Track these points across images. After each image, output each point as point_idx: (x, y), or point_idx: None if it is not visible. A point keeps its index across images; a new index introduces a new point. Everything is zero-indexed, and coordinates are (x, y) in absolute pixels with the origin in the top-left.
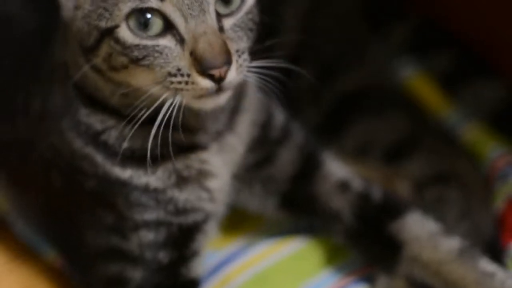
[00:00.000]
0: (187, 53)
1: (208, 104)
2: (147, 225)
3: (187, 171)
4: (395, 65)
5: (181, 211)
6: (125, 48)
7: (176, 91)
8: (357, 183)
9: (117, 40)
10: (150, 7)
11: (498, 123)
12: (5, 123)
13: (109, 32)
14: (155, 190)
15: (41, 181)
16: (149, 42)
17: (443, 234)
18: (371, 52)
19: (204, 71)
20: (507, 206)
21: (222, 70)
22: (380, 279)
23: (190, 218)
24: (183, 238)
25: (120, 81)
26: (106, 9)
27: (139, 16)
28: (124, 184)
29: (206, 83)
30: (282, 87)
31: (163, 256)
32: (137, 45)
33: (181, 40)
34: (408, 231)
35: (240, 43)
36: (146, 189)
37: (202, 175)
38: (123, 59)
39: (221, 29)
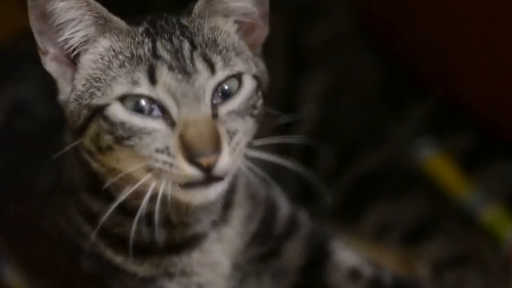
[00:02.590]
0: (176, 135)
1: (196, 197)
2: None
3: (173, 268)
4: (414, 146)
5: None
6: (112, 125)
7: (161, 173)
8: (367, 270)
9: (106, 118)
10: (141, 94)
11: None
12: (15, 204)
13: (100, 110)
14: (144, 279)
15: (48, 262)
16: (138, 122)
17: None
18: (390, 132)
19: (191, 158)
20: None
21: (211, 158)
22: None
23: None
24: None
25: (108, 165)
26: (98, 89)
27: (131, 99)
28: (117, 268)
29: (192, 171)
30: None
31: None
32: (124, 123)
33: (171, 123)
34: None
35: (234, 125)
36: (135, 276)
37: (186, 272)
38: (108, 138)
39: (214, 116)
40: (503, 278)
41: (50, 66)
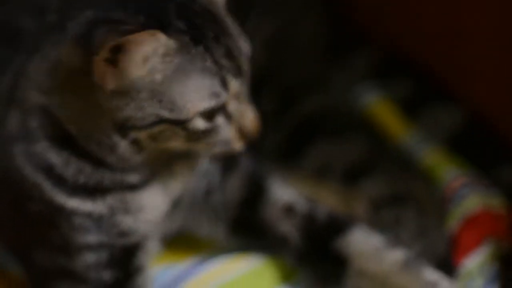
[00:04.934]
0: (233, 127)
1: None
2: (90, 247)
3: (130, 203)
4: (356, 92)
5: (123, 233)
6: (188, 132)
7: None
8: (301, 206)
9: (184, 128)
10: (222, 103)
11: (455, 147)
12: None
13: (177, 123)
14: (99, 216)
15: None
16: (211, 124)
17: (388, 246)
18: (333, 79)
19: (245, 139)
20: (461, 226)
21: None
22: None
23: (132, 239)
24: (125, 257)
25: (153, 147)
26: (173, 104)
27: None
28: (68, 210)
29: (241, 146)
30: None
31: (107, 275)
32: (201, 130)
33: (229, 116)
34: (353, 246)
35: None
36: (89, 215)
37: (141, 207)
38: (178, 138)
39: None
40: (438, 218)
41: None
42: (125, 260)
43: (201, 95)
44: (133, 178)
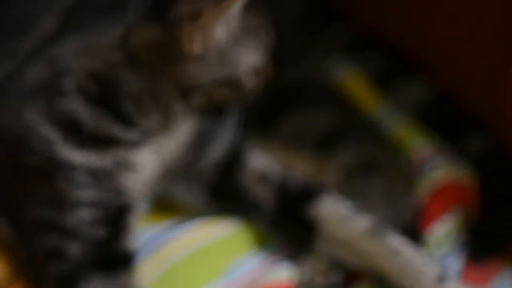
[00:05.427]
0: None
1: None
2: (85, 202)
3: (129, 160)
4: (331, 65)
5: (118, 191)
6: (242, 90)
7: None
8: (276, 173)
9: (240, 86)
10: None
11: (424, 120)
12: None
13: (235, 83)
14: (99, 170)
15: None
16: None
17: (356, 213)
18: (308, 51)
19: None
20: (429, 196)
21: None
22: (304, 259)
23: (126, 198)
24: (118, 215)
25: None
26: (237, 64)
27: None
28: (70, 163)
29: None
30: None
31: (98, 231)
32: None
33: None
34: (323, 212)
35: None
36: (90, 168)
37: (135, 166)
38: (233, 95)
39: None
40: (406, 187)
41: None
42: (117, 219)
43: (258, 52)
44: (134, 135)
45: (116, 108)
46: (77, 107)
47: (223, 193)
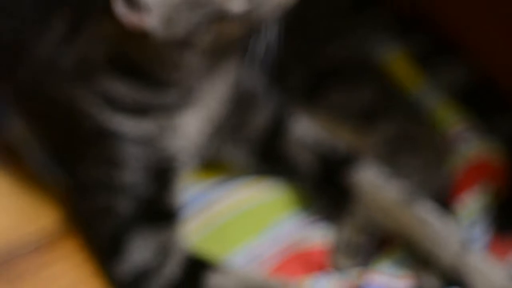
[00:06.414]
0: None
1: None
2: (132, 163)
3: (170, 124)
4: (375, 45)
5: (163, 152)
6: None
7: None
8: (319, 140)
9: (229, 15)
10: None
11: (461, 98)
12: (23, 67)
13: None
14: (143, 135)
15: (48, 116)
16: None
17: (390, 182)
18: (355, 33)
19: None
20: (462, 167)
21: None
22: (341, 221)
23: (170, 157)
24: (163, 174)
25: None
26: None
27: None
28: (116, 130)
29: None
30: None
31: (146, 188)
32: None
33: None
34: (361, 178)
35: None
36: (134, 134)
37: (179, 128)
38: (234, 21)
39: None
40: (439, 159)
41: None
42: (163, 177)
43: None
44: (175, 97)
45: (145, 76)
46: (110, 79)
47: (270, 156)
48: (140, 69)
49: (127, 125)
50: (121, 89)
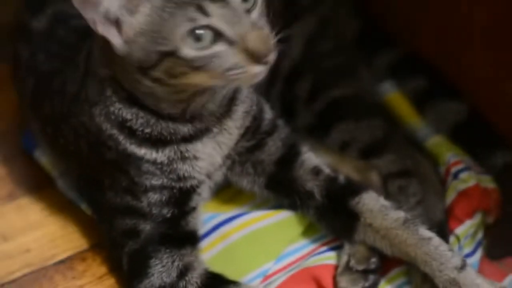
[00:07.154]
0: (239, 51)
1: (254, 81)
2: (154, 188)
3: (187, 153)
4: (377, 84)
5: (180, 178)
6: (187, 62)
7: (232, 79)
8: (326, 170)
9: (179, 58)
10: (200, 25)
11: (457, 136)
12: (47, 101)
13: (171, 54)
14: (162, 163)
15: (72, 148)
16: (207, 52)
17: (392, 208)
18: (359, 72)
19: (259, 61)
20: (456, 198)
21: (272, 54)
22: (345, 246)
23: (188, 184)
24: (182, 198)
25: (179, 84)
26: (163, 38)
27: (193, 34)
28: (138, 158)
29: (259, 69)
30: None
31: (166, 212)
32: (197, 57)
33: (231, 42)
34: (364, 205)
35: (263, 23)
36: (154, 162)
37: (196, 157)
38: (184, 69)
39: (253, 24)
40: (438, 191)
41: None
42: (182, 200)
43: (177, 21)
44: (187, 129)
45: (145, 104)
46: (120, 110)
47: (279, 183)
48: (152, 106)
49: (142, 152)
50: (132, 118)
